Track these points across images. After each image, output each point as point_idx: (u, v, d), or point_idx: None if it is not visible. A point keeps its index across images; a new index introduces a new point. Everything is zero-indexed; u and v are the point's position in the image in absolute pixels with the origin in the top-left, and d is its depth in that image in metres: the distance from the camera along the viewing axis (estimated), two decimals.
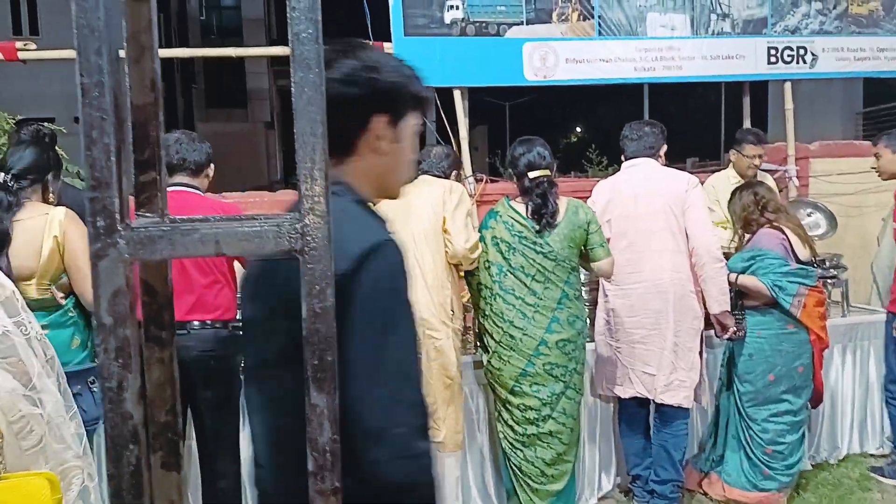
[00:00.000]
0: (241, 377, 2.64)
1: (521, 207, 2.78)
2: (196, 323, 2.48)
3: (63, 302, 2.33)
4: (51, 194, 2.45)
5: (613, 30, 5.02)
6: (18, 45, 4.28)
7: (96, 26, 0.52)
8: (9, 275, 2.17)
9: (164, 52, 6.01)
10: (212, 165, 2.64)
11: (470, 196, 3.65)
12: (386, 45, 4.68)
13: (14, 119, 4.09)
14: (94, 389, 2.35)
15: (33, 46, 4.30)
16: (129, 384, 0.55)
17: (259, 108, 19.32)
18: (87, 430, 2.38)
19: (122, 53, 0.62)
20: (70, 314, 2.36)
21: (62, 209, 2.36)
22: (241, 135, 18.18)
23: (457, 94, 4.66)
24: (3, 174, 2.30)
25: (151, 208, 0.71)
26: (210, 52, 5.55)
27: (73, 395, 2.29)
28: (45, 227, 2.28)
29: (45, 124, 3.15)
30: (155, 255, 0.55)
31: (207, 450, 2.57)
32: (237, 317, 2.53)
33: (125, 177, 0.56)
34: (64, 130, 4.03)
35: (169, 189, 2.56)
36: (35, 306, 2.24)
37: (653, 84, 6.31)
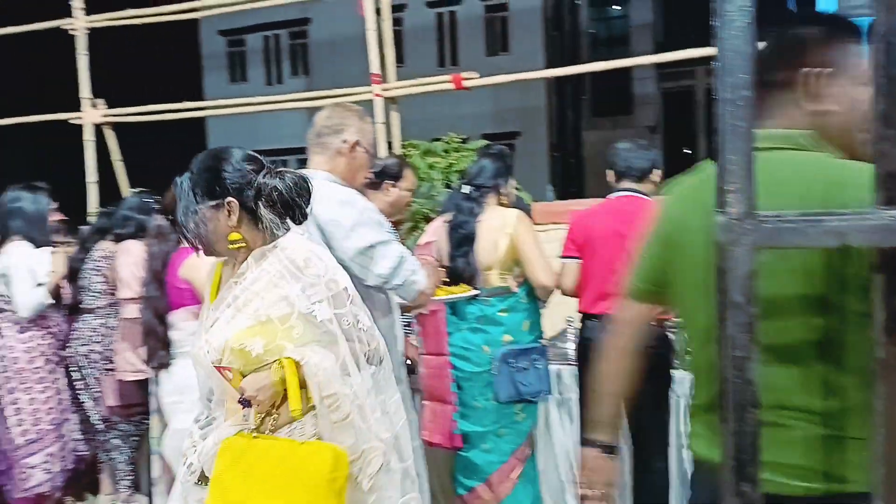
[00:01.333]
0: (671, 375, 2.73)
1: None
2: None
3: (517, 290, 2.69)
4: (504, 198, 2.87)
5: None
6: (464, 75, 5.12)
7: (742, 49, 0.62)
8: (475, 266, 2.64)
9: (557, 71, 6.60)
10: (656, 171, 2.78)
11: None
12: None
13: (462, 139, 4.94)
14: (538, 366, 2.67)
15: (476, 75, 5.11)
16: (754, 355, 0.64)
17: (643, 113, 19.44)
18: (530, 402, 2.69)
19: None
20: (522, 301, 2.71)
21: (514, 211, 2.76)
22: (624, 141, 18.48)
23: None
24: (469, 186, 2.79)
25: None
26: (598, 66, 5.76)
27: (520, 370, 2.61)
28: (502, 227, 2.68)
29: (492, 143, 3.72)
30: (783, 244, 0.63)
31: (639, 444, 2.69)
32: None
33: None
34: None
35: (616, 195, 2.78)
36: (496, 292, 2.67)
37: None
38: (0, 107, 7.35)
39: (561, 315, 3.45)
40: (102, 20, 6.03)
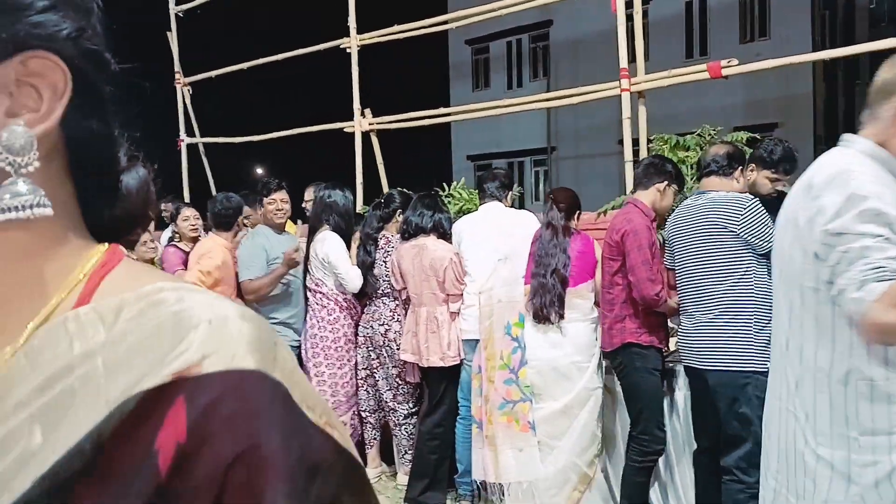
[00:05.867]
0: None
1: None
2: None
3: None
4: None
5: None
6: (723, 63, 4.78)
7: None
8: None
9: (828, 53, 5.70)
10: None
11: None
12: None
13: (716, 130, 4.62)
14: None
15: (735, 62, 4.74)
16: None
17: None
18: None
19: None
20: None
21: None
22: None
23: None
24: None
25: None
26: (876, 45, 4.79)
27: None
28: None
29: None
30: None
31: None
32: None
33: None
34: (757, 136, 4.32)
35: None
36: None
37: None
38: (282, 119, 8.55)
39: None
40: (374, 37, 6.69)
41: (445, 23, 6.65)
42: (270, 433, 0.43)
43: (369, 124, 6.69)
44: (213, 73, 8.18)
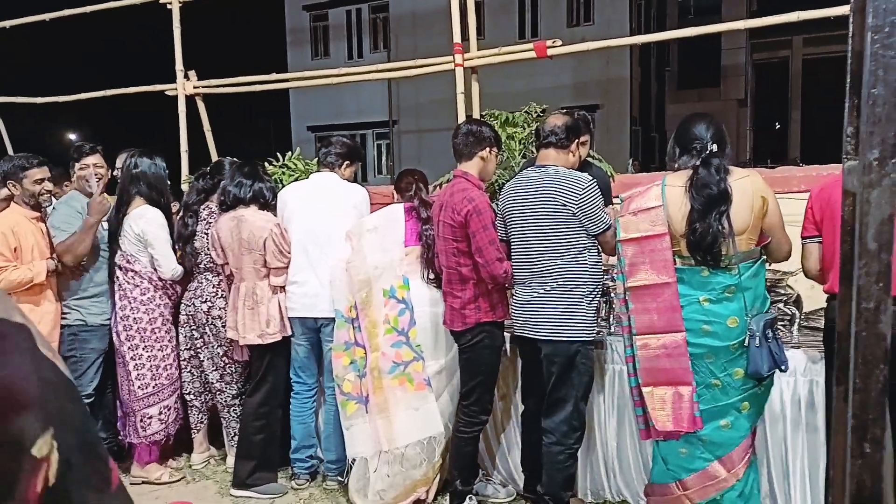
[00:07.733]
0: None
1: None
2: None
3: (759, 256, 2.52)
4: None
5: None
6: (548, 43, 5.01)
7: None
8: (729, 229, 2.43)
9: (643, 38, 6.34)
10: None
11: None
12: None
13: (542, 108, 4.86)
14: (778, 336, 2.52)
15: (559, 43, 4.99)
16: (887, 306, 0.60)
17: (732, 86, 18.53)
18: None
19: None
20: (763, 265, 2.55)
21: (755, 171, 2.58)
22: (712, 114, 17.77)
23: None
24: (714, 144, 2.54)
25: None
26: (687, 31, 5.35)
27: (773, 340, 2.45)
28: (754, 188, 2.47)
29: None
30: None
31: None
32: None
33: None
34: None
35: None
36: (744, 258, 2.49)
37: None
38: (98, 79, 7.75)
39: None
40: None
41: None
42: (19, 365, 0.59)
43: (194, 87, 6.25)
44: (8, 24, 7.19)
